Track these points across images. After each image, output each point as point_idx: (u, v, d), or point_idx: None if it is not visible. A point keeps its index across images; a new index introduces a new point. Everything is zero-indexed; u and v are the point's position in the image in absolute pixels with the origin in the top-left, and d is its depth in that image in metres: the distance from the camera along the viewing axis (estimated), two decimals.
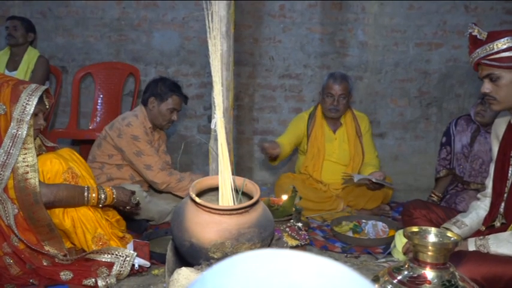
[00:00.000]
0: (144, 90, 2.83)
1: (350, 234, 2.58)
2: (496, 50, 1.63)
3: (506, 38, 1.62)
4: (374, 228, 2.60)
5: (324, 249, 2.45)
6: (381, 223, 2.64)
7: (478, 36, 1.68)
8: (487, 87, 1.69)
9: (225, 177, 1.48)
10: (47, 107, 2.02)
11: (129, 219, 2.48)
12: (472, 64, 1.75)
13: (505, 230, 1.74)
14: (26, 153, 1.87)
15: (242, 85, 3.81)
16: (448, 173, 2.90)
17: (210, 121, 2.29)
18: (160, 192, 2.77)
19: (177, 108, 2.81)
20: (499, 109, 1.74)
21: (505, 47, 1.62)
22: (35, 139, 1.97)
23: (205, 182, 1.55)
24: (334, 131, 3.08)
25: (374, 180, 2.73)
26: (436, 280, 1.18)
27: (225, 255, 1.34)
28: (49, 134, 3.32)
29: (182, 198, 2.82)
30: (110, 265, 1.95)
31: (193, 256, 1.41)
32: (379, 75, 3.82)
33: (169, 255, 1.62)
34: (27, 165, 1.86)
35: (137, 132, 2.66)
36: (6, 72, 3.39)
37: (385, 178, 2.82)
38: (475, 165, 2.77)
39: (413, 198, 2.67)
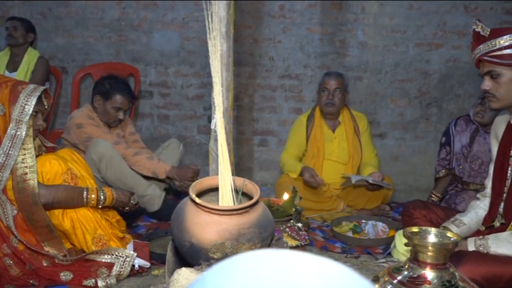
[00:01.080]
0: (93, 88, 2.84)
1: (350, 234, 2.58)
2: (498, 46, 1.64)
3: (508, 35, 1.63)
4: (374, 228, 2.60)
5: (324, 250, 2.45)
6: (380, 223, 2.64)
7: (481, 33, 1.69)
8: (487, 84, 1.70)
9: (225, 178, 1.48)
10: (46, 107, 2.02)
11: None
12: (474, 60, 1.75)
13: (504, 230, 1.74)
14: (25, 154, 1.87)
15: (242, 85, 3.81)
16: (448, 173, 2.90)
17: (210, 121, 2.29)
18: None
19: (123, 108, 2.77)
20: (498, 107, 1.74)
21: (507, 44, 1.63)
22: (34, 139, 1.97)
23: (205, 182, 1.55)
24: (333, 130, 3.09)
25: (371, 181, 2.75)
26: (436, 280, 1.17)
27: (225, 256, 1.34)
28: (49, 134, 3.32)
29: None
30: (109, 265, 1.95)
31: (193, 256, 1.41)
32: (379, 75, 3.82)
33: (169, 255, 1.62)
34: (26, 166, 1.86)
35: (79, 120, 2.67)
36: (7, 73, 3.39)
37: (383, 178, 2.83)
38: (474, 166, 2.77)
39: (413, 198, 2.67)
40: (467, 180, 2.80)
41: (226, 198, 1.48)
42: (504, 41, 1.63)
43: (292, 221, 2.07)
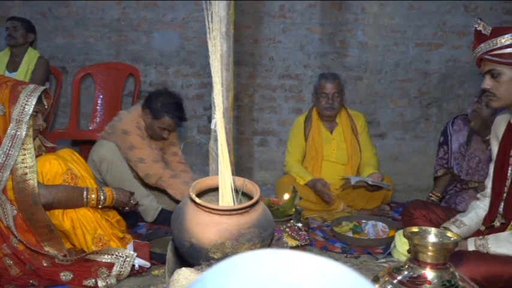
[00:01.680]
0: (146, 98, 2.76)
1: (350, 234, 2.58)
2: (499, 45, 1.64)
3: (509, 34, 1.63)
4: (374, 228, 2.60)
5: (324, 250, 2.45)
6: (380, 223, 2.64)
7: (482, 31, 1.69)
8: (487, 83, 1.70)
9: (225, 178, 1.48)
10: (46, 107, 2.02)
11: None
12: (475, 59, 1.75)
13: (504, 230, 1.74)
14: (25, 154, 1.86)
15: (242, 85, 3.81)
16: (446, 173, 2.91)
17: (210, 121, 2.29)
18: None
19: (169, 129, 2.73)
20: (498, 106, 1.74)
21: (508, 43, 1.63)
22: (34, 139, 1.97)
23: (205, 182, 1.55)
24: (331, 131, 3.09)
25: (370, 182, 2.75)
26: (436, 280, 1.17)
27: (225, 256, 1.34)
28: (49, 134, 3.32)
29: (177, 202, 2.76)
30: (110, 266, 1.95)
31: (194, 256, 1.41)
32: (379, 75, 3.82)
33: (170, 255, 1.62)
34: (26, 166, 1.86)
35: (127, 126, 2.64)
36: (7, 73, 3.39)
37: (383, 179, 2.83)
38: (472, 164, 2.78)
39: (413, 198, 2.67)
40: (465, 179, 2.80)
41: (226, 198, 1.48)
42: (505, 40, 1.63)
43: (292, 221, 2.07)
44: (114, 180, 2.50)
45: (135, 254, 2.00)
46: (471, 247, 1.69)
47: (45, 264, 1.93)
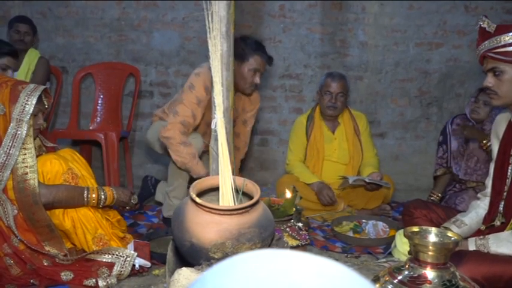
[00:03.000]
0: None
1: (350, 234, 2.58)
2: (502, 43, 1.64)
3: None
4: (374, 228, 2.60)
5: (324, 249, 2.45)
6: (381, 223, 2.64)
7: (486, 29, 1.68)
8: (489, 81, 1.69)
9: (225, 178, 1.48)
10: (46, 106, 2.02)
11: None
12: (478, 57, 1.74)
13: (504, 229, 1.74)
14: (25, 154, 1.87)
15: None
16: (445, 172, 2.91)
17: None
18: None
19: (260, 70, 2.57)
20: (500, 104, 1.74)
21: (511, 41, 1.62)
22: (34, 139, 1.97)
23: (206, 182, 1.55)
24: (333, 131, 3.09)
25: (367, 180, 2.76)
26: (436, 280, 1.17)
27: (225, 256, 1.34)
28: (49, 134, 3.31)
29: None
30: (110, 265, 1.95)
31: (194, 256, 1.41)
32: (380, 75, 3.82)
33: (170, 255, 1.62)
34: (27, 166, 1.86)
35: (197, 83, 2.47)
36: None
37: (382, 178, 2.83)
38: (470, 163, 2.79)
39: (414, 198, 2.67)
40: (463, 178, 2.81)
41: (226, 198, 1.48)
42: (509, 37, 1.63)
43: (292, 220, 2.07)
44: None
45: (136, 254, 2.00)
46: (472, 247, 1.69)
47: (45, 264, 1.93)
